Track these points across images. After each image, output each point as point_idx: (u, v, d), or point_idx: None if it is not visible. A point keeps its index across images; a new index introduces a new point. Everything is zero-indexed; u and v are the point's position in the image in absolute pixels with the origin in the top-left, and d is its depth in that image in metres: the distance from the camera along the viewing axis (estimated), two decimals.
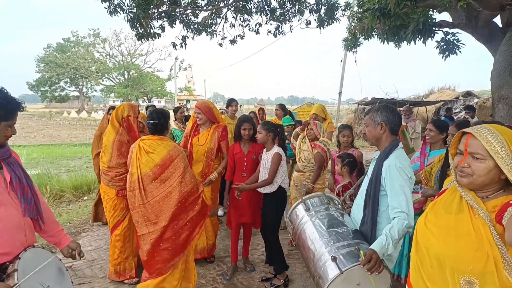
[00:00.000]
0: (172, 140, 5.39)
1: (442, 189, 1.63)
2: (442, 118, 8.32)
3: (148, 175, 2.83)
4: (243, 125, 3.71)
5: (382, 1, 5.33)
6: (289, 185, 3.68)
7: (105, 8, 6.20)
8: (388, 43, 7.60)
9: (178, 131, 5.96)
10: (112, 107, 5.08)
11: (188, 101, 46.77)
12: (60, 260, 2.10)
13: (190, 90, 50.82)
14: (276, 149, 3.46)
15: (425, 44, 5.87)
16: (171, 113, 5.03)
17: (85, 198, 6.82)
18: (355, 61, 14.22)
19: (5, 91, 1.85)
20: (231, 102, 5.86)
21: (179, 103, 36.06)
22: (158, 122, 2.99)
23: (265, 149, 3.57)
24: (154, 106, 6.06)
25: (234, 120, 5.45)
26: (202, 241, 4.00)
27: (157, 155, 2.86)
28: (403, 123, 5.31)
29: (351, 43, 9.60)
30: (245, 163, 3.72)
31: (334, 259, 1.95)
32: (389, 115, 2.26)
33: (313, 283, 3.64)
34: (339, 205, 2.42)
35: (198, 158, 3.88)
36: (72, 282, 2.18)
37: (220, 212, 5.67)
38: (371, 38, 8.36)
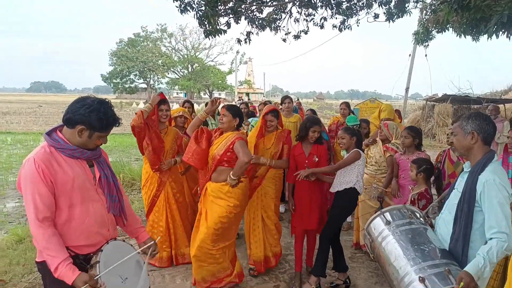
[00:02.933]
0: None
1: None
2: None
3: None
4: (314, 127, 3.54)
5: None
6: (362, 190, 3.52)
7: (176, 6, 6.43)
8: (465, 37, 7.05)
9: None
10: (187, 101, 5.31)
11: (247, 94, 47.37)
12: (139, 253, 2.22)
13: (250, 83, 51.39)
14: (357, 149, 3.43)
15: (509, 39, 5.35)
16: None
17: None
18: (426, 55, 13.41)
19: (108, 105, 1.96)
20: (284, 99, 5.68)
21: (239, 96, 36.69)
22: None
23: (346, 153, 3.52)
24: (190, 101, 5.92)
25: (288, 117, 5.34)
26: (260, 250, 3.82)
27: None
28: None
29: (423, 37, 9.04)
30: (306, 166, 3.55)
31: (422, 280, 1.83)
32: (482, 123, 2.06)
33: None
34: (421, 219, 2.27)
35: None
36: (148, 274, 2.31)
37: (281, 209, 5.67)
38: (445, 31, 7.82)
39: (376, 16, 8.69)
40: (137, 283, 2.08)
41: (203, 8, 6.42)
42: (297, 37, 8.89)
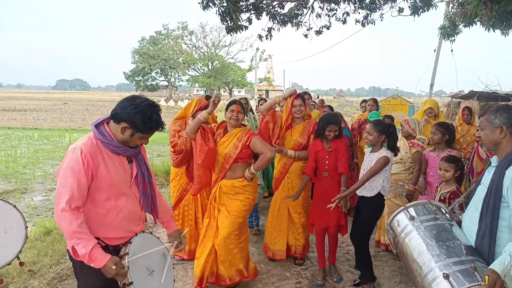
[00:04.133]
0: None
1: None
2: None
3: None
4: (329, 127, 3.47)
5: None
6: (389, 192, 3.41)
7: (198, 3, 6.46)
8: (494, 31, 6.81)
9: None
10: (209, 96, 5.33)
11: (267, 91, 47.30)
12: (165, 246, 2.25)
13: (270, 80, 51.25)
14: (385, 152, 3.20)
15: None
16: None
17: None
18: (451, 51, 13.00)
19: (156, 109, 1.98)
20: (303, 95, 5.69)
21: (259, 94, 36.64)
22: None
23: (369, 149, 3.37)
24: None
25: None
26: (282, 244, 3.90)
27: None
28: None
29: (449, 31, 8.78)
30: (326, 161, 3.50)
31: (446, 276, 1.78)
32: (511, 116, 1.99)
33: None
34: (447, 215, 2.20)
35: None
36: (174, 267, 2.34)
37: None
38: (472, 25, 7.57)
39: (400, 10, 8.48)
40: (162, 276, 2.11)
41: (225, 4, 6.43)
42: (319, 32, 8.79)
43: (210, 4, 6.44)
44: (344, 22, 8.79)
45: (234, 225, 3.24)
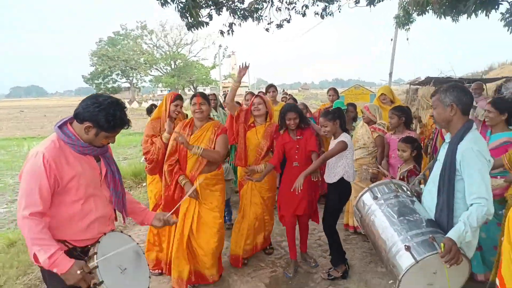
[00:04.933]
0: None
1: None
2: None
3: None
4: (288, 115, 3.51)
5: None
6: (354, 177, 3.51)
7: (156, 0, 6.34)
8: (445, 18, 7.13)
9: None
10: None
11: None
12: (137, 244, 2.22)
13: (234, 77, 50.86)
14: (343, 137, 3.31)
15: (488, 17, 5.43)
16: None
17: (144, 184, 7.17)
18: (407, 39, 13.49)
19: (119, 106, 1.93)
20: (269, 88, 5.78)
21: (224, 91, 36.45)
22: None
23: (332, 137, 3.44)
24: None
25: (274, 106, 5.29)
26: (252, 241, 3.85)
27: None
28: (473, 103, 4.81)
29: (403, 20, 9.11)
30: (296, 151, 3.55)
31: (407, 248, 1.89)
32: (460, 94, 2.11)
33: (373, 268, 3.63)
34: (408, 192, 2.32)
35: (251, 153, 3.82)
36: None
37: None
38: (425, 14, 7.88)
39: (357, 1, 8.72)
40: (136, 274, 2.09)
41: (183, 0, 6.35)
42: (279, 26, 8.87)
43: (169, 1, 6.33)
44: (304, 15, 8.92)
45: (221, 224, 3.32)
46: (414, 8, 7.78)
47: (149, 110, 5.86)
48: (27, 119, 28.22)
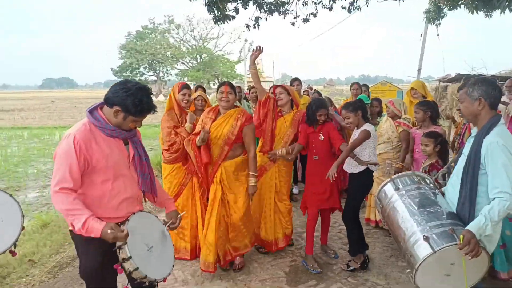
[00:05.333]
0: None
1: None
2: None
3: None
4: (319, 111, 3.54)
5: None
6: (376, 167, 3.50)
7: None
8: (477, 13, 6.92)
9: None
10: (199, 85, 5.14)
11: None
12: (164, 224, 2.32)
13: (259, 71, 50.74)
14: (366, 126, 3.32)
15: None
16: None
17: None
18: (437, 35, 13.12)
19: (146, 92, 2.04)
20: (293, 82, 5.76)
21: (248, 86, 36.58)
22: None
23: (355, 128, 3.44)
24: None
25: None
26: (270, 232, 3.86)
27: None
28: (506, 99, 4.62)
29: (434, 15, 8.90)
30: (313, 144, 3.58)
31: (426, 238, 1.91)
32: (488, 88, 2.09)
33: (393, 262, 3.63)
34: (431, 184, 2.33)
35: (278, 141, 3.83)
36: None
37: (295, 190, 5.75)
38: (456, 9, 7.68)
39: None
40: (162, 253, 2.18)
41: None
42: (306, 20, 8.82)
43: None
44: (331, 9, 8.83)
45: (247, 205, 3.43)
46: (445, 3, 7.60)
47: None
48: (58, 109, 29.30)
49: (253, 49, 3.73)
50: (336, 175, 3.15)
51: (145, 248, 2.07)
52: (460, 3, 7.09)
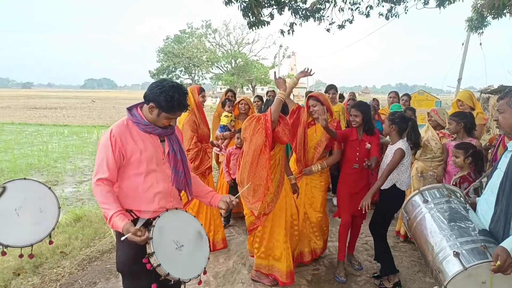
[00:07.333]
0: None
1: None
2: None
3: None
4: (352, 111, 3.49)
5: None
6: (408, 185, 3.35)
7: None
8: None
9: None
10: (230, 90, 5.26)
11: None
12: (201, 224, 2.30)
13: (292, 76, 50.70)
14: (401, 144, 3.18)
15: None
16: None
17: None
18: (480, 44, 12.59)
19: (179, 90, 2.09)
20: (329, 90, 5.65)
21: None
22: None
23: (390, 142, 3.34)
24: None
25: (333, 106, 5.22)
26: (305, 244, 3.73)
27: None
28: None
29: (477, 23, 8.55)
30: (357, 153, 3.46)
31: (456, 254, 1.81)
32: None
33: (421, 278, 3.49)
34: (461, 198, 2.22)
35: (309, 150, 3.69)
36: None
37: (335, 202, 5.57)
38: (501, 17, 7.35)
39: (426, 2, 8.32)
40: (194, 253, 2.14)
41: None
42: (341, 26, 8.75)
43: (233, 0, 6.54)
44: (368, 15, 8.71)
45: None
46: (490, 11, 7.29)
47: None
48: (98, 109, 30.58)
49: (305, 69, 3.49)
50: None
51: (174, 246, 2.05)
52: (505, 11, 6.79)
